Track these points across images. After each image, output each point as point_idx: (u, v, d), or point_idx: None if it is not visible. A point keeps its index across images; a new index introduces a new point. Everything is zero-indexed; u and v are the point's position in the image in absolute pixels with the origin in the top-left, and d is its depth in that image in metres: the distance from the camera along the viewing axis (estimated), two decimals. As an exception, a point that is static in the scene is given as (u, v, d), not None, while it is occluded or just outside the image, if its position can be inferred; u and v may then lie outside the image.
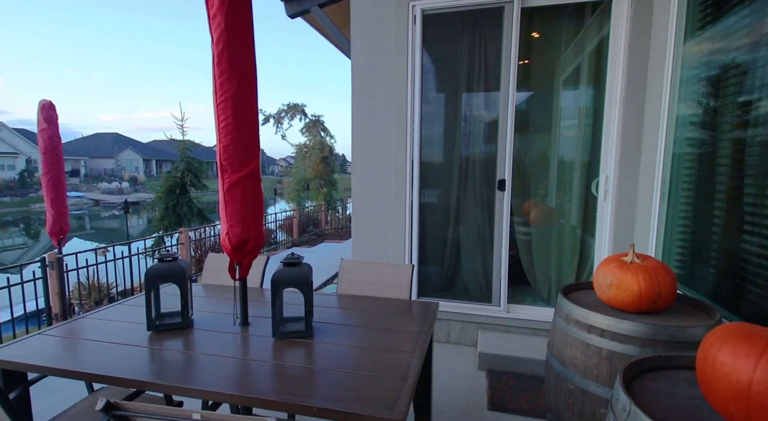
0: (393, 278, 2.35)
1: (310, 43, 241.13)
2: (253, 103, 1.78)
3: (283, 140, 14.24)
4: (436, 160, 3.31)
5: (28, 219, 28.08)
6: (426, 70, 3.18)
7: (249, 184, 1.77)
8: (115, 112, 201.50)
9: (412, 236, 3.26)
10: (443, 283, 3.42)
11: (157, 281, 1.81)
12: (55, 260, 4.17)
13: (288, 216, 9.14)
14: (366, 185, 3.31)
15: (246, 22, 1.73)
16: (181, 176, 8.44)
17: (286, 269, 1.72)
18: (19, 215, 28.57)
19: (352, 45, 3.23)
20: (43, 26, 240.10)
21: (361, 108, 3.26)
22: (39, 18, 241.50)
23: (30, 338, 1.73)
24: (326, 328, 1.86)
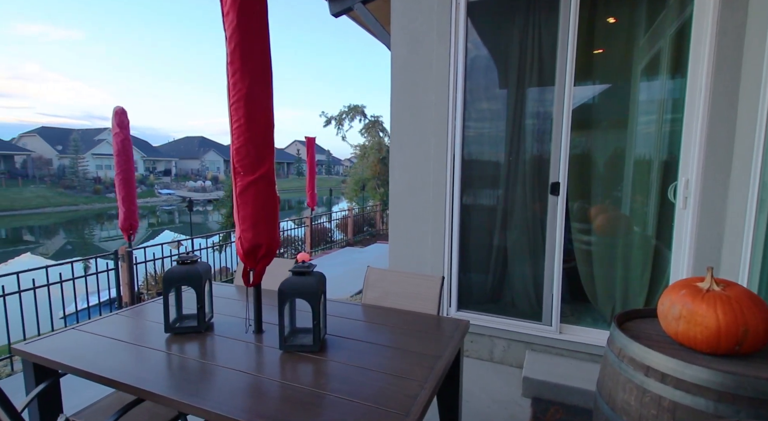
0: (420, 289, 2.16)
1: (371, 41, 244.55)
2: (266, 103, 1.70)
3: (344, 141, 14.54)
4: (480, 161, 3.04)
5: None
6: (470, 64, 2.92)
7: (261, 187, 1.71)
8: (200, 117, 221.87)
9: (452, 243, 3.03)
10: (487, 295, 3.13)
11: (175, 284, 1.82)
12: (125, 253, 4.56)
13: (344, 216, 9.26)
14: (403, 187, 3.14)
15: (259, 20, 1.66)
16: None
17: (294, 279, 1.62)
18: (122, 209, 32.60)
19: (392, 40, 3.08)
20: (140, 43, 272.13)
21: (400, 106, 3.09)
22: (138, 38, 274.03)
23: (63, 333, 1.82)
24: (338, 343, 1.73)
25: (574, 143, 2.92)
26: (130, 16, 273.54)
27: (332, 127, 14.57)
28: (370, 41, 10.68)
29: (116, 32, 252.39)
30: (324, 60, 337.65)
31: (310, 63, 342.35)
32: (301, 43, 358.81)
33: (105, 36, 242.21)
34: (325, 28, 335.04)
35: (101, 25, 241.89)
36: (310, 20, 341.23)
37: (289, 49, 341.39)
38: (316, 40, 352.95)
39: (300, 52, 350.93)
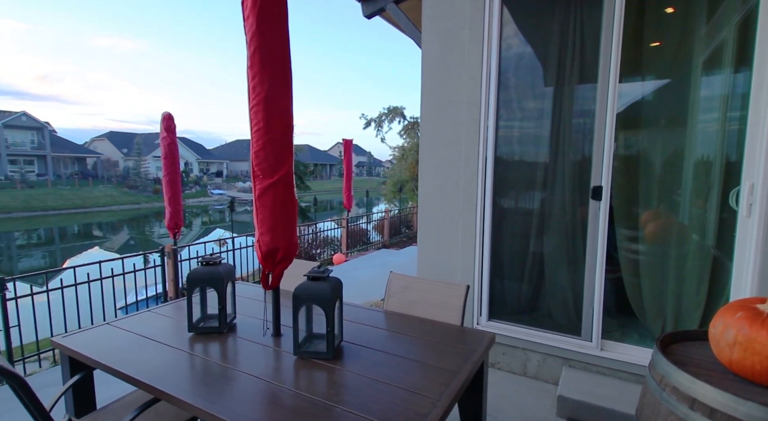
0: (444, 298, 2.06)
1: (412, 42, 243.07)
2: (285, 106, 1.70)
3: (383, 143, 14.56)
4: (515, 163, 2.87)
5: (184, 211, 34.11)
6: (504, 61, 2.77)
7: (279, 190, 1.70)
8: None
9: (483, 248, 2.89)
10: (521, 305, 2.96)
11: (198, 284, 1.86)
12: (170, 250, 4.82)
13: (381, 217, 9.26)
14: (433, 190, 3.04)
15: (279, 24, 1.65)
16: (287, 178, 9.18)
17: (309, 284, 1.59)
18: (177, 208, 34.80)
19: (422, 39, 3.00)
20: (197, 53, 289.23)
21: (430, 106, 3.00)
22: (196, 48, 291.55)
23: (98, 328, 1.92)
24: (354, 351, 1.69)
25: (627, 143, 2.69)
26: (191, 28, 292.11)
27: (372, 128, 14.70)
28: (412, 42, 10.82)
29: (177, 43, 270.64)
30: (367, 61, 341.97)
31: (354, 65, 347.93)
32: (346, 44, 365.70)
33: (167, 47, 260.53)
34: (368, 30, 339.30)
35: (165, 36, 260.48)
36: (353, 22, 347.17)
37: (334, 52, 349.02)
38: (360, 41, 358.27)
39: (344, 54, 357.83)
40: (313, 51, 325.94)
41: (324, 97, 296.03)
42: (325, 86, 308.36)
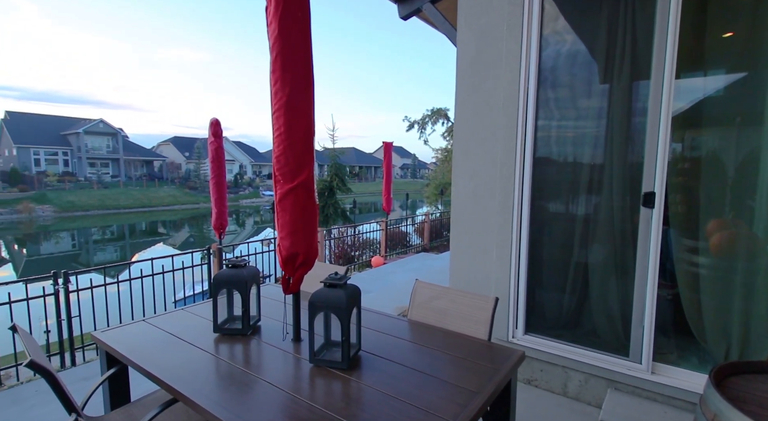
0: (470, 310, 1.95)
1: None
2: (306, 111, 1.69)
3: (426, 145, 14.45)
4: (555, 167, 2.67)
5: (238, 211, 35.91)
6: (545, 58, 2.59)
7: (300, 195, 1.69)
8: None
9: (520, 257, 2.72)
10: (562, 320, 2.75)
11: (223, 286, 1.90)
12: (216, 250, 5.05)
13: (421, 220, 9.15)
14: (467, 195, 2.91)
15: (301, 29, 1.65)
16: (330, 180, 9.37)
17: (326, 291, 1.57)
18: (233, 208, 36.77)
19: (458, 38, 2.89)
20: (253, 62, 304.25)
21: (465, 107, 2.88)
22: (252, 57, 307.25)
23: (135, 324, 2.02)
24: (371, 362, 1.63)
25: (688, 145, 2.42)
26: (246, 41, 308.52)
27: (415, 131, 14.60)
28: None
29: (235, 53, 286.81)
30: (414, 63, 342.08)
31: (399, 67, 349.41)
32: (390, 47, 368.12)
33: (227, 57, 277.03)
34: (411, 32, 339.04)
35: (224, 47, 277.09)
36: (397, 24, 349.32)
37: (379, 54, 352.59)
38: (406, 43, 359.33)
39: (389, 57, 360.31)
40: (357, 54, 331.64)
41: (370, 100, 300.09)
42: (372, 89, 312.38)
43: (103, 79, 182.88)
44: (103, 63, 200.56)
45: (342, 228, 8.45)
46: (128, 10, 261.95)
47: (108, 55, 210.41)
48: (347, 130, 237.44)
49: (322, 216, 9.29)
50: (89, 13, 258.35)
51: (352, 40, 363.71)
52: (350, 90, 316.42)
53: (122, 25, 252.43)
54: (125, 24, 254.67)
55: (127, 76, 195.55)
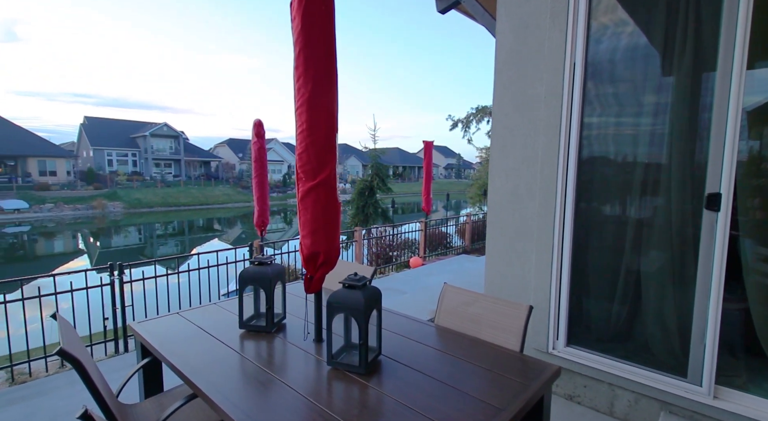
0: (502, 318, 1.82)
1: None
2: (329, 108, 1.65)
3: (470, 144, 14.03)
4: (605, 165, 2.44)
5: (286, 210, 37.22)
6: (592, 47, 2.38)
7: (321, 193, 1.66)
8: (347, 125, 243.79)
9: (562, 262, 2.52)
10: (609, 332, 2.51)
11: (248, 284, 1.92)
12: (258, 246, 5.22)
13: (463, 221, 8.92)
14: (505, 195, 2.75)
15: (325, 25, 1.61)
16: (370, 180, 9.39)
17: (344, 292, 1.52)
18: (281, 206, 38.19)
19: (497, 28, 2.73)
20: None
21: (503, 102, 2.72)
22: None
23: (169, 317, 2.10)
24: (391, 368, 1.56)
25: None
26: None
27: (459, 130, 14.26)
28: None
29: (286, 60, 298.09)
30: (459, 61, 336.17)
31: (444, 65, 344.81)
32: (431, 45, 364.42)
33: (279, 62, 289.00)
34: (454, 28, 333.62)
35: (277, 53, 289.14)
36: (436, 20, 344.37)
37: (424, 52, 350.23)
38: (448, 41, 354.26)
39: (434, 54, 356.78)
40: (399, 52, 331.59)
41: (414, 100, 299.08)
42: (415, 88, 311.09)
43: (168, 85, 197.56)
44: (167, 70, 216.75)
45: (381, 228, 8.44)
46: (190, 20, 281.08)
47: (172, 63, 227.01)
48: (391, 131, 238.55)
49: (361, 215, 9.34)
50: (158, 24, 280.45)
51: (394, 38, 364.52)
52: (393, 90, 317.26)
53: (184, 34, 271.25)
54: (187, 34, 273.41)
55: (189, 82, 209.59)
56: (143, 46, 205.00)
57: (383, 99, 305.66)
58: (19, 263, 17.37)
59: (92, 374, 1.39)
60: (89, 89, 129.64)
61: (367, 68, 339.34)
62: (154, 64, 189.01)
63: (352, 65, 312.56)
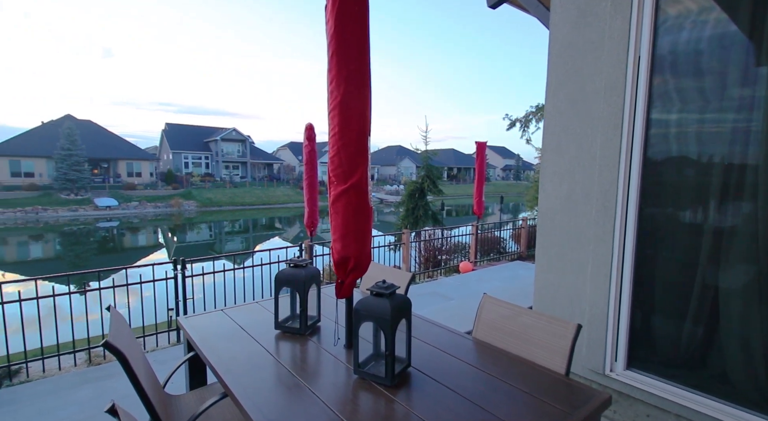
0: (546, 336, 1.66)
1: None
2: (361, 111, 1.61)
3: (528, 144, 13.35)
4: (676, 168, 2.14)
5: (340, 211, 38.24)
6: (662, 37, 2.10)
7: (351, 197, 1.63)
8: (400, 127, 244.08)
9: (622, 274, 2.26)
10: (679, 356, 2.20)
11: (283, 285, 1.94)
12: (307, 246, 5.36)
13: (518, 226, 8.49)
14: (557, 200, 2.53)
15: (357, 26, 1.58)
16: (421, 182, 9.28)
17: (370, 300, 1.47)
18: (336, 207, 39.20)
19: (551, 19, 2.53)
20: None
21: (557, 99, 2.51)
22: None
23: (213, 313, 2.19)
24: (420, 383, 1.49)
25: None
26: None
27: (517, 129, 13.62)
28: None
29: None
30: (514, 59, 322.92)
31: (500, 64, 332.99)
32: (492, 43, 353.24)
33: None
34: (512, 23, 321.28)
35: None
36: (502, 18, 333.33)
37: (478, 51, 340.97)
38: (505, 38, 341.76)
39: (489, 53, 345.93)
40: (454, 52, 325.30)
41: (470, 100, 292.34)
42: (471, 88, 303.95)
43: (238, 92, 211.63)
44: (238, 79, 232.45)
45: (432, 230, 8.29)
46: (263, 30, 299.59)
47: (243, 71, 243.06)
48: (446, 132, 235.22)
49: (411, 218, 9.25)
50: (233, 35, 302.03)
51: (448, 37, 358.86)
52: (449, 90, 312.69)
53: (258, 44, 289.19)
54: (259, 43, 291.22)
55: (257, 88, 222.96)
56: (218, 58, 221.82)
57: (439, 99, 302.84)
58: (109, 254, 19.53)
59: (135, 367, 1.47)
60: (171, 98, 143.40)
61: (421, 69, 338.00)
62: (227, 74, 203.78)
63: (403, 66, 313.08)
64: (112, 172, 35.82)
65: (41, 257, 18.23)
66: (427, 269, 7.13)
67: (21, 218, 25.52)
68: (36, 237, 22.45)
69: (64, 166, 29.37)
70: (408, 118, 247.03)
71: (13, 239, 21.54)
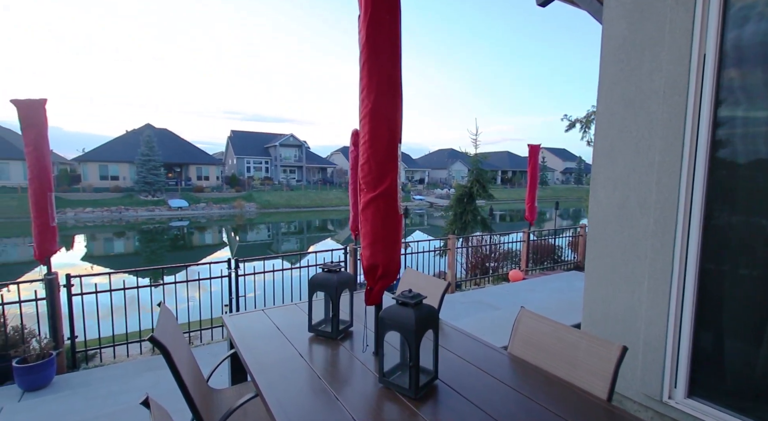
0: (587, 357, 1.54)
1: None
2: (391, 119, 1.61)
3: (589, 146, 12.41)
4: (746, 173, 1.89)
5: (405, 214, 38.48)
6: (732, 29, 1.87)
7: (380, 204, 1.63)
8: (455, 129, 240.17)
9: (684, 292, 2.03)
10: (753, 386, 1.93)
11: (316, 289, 1.98)
12: (352, 250, 5.45)
13: (575, 233, 7.97)
14: (610, 209, 2.34)
15: (389, 35, 1.59)
16: (470, 186, 9.05)
17: (396, 308, 1.46)
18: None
19: (604, 14, 2.36)
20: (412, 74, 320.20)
21: (610, 99, 2.32)
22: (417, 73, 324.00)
23: (254, 313, 2.30)
24: (445, 396, 1.45)
25: None
26: (419, 55, 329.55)
27: (577, 130, 12.83)
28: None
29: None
30: (574, 58, 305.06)
31: (559, 64, 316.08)
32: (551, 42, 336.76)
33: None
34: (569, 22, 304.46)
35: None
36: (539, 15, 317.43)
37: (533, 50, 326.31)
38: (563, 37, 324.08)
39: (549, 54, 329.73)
40: (509, 53, 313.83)
41: (526, 101, 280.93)
42: (530, 88, 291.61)
43: (297, 99, 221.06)
44: (297, 87, 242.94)
45: (480, 236, 8.06)
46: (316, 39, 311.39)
47: (300, 80, 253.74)
48: (502, 133, 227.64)
49: (459, 223, 9.04)
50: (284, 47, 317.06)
51: (499, 39, 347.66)
52: (504, 91, 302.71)
53: (313, 53, 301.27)
54: (317, 51, 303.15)
55: (314, 94, 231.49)
56: (280, 66, 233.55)
57: (493, 101, 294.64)
58: (179, 251, 21.25)
59: (177, 361, 1.58)
60: (237, 107, 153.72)
61: (474, 70, 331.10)
62: (286, 83, 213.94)
63: (456, 68, 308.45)
64: (184, 176, 39.00)
65: (123, 252, 20.27)
66: (475, 277, 6.94)
67: (107, 216, 28.61)
68: (119, 234, 25.01)
69: (144, 170, 32.51)
70: (460, 121, 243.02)
71: (100, 235, 24.21)
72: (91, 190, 31.71)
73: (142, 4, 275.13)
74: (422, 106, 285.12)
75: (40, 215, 3.44)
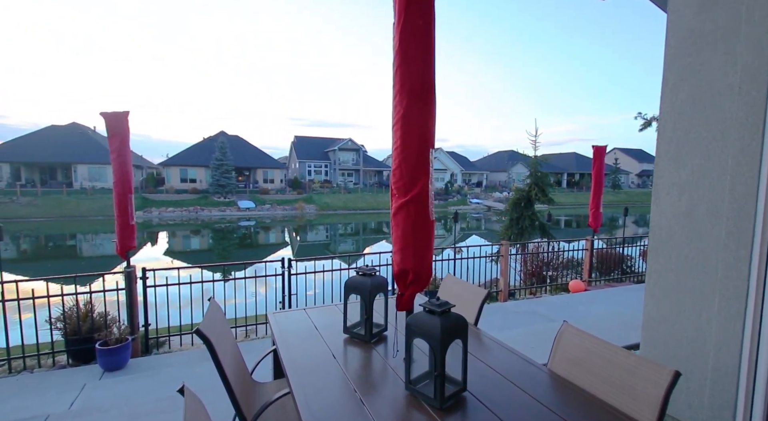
0: (634, 380, 1.41)
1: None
2: (422, 124, 1.61)
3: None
4: None
5: (446, 217, 37.94)
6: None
7: (411, 209, 1.63)
8: (516, 131, 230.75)
9: (762, 315, 1.77)
10: None
11: (350, 292, 2.02)
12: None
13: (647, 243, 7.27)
14: (675, 218, 2.11)
15: (422, 41, 1.59)
16: (528, 190, 8.62)
17: (422, 315, 1.44)
18: (441, 213, 39.09)
19: (669, 4, 2.14)
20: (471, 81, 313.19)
21: (677, 97, 2.10)
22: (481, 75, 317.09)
23: (296, 311, 2.40)
24: (473, 410, 1.40)
25: None
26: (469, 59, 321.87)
27: (652, 130, 11.66)
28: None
29: (458, 72, 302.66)
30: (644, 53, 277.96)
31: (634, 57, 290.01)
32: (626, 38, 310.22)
33: (452, 75, 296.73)
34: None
35: (451, 66, 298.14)
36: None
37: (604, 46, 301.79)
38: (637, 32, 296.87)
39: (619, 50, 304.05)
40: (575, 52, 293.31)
41: (596, 98, 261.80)
42: (601, 85, 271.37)
43: (356, 104, 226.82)
44: (357, 92, 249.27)
45: (538, 243, 7.66)
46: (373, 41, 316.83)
47: (359, 84, 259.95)
48: (569, 134, 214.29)
49: (515, 228, 8.65)
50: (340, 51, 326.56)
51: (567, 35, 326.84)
52: (570, 89, 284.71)
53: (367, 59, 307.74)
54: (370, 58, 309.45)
55: (371, 99, 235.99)
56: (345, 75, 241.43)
57: (560, 99, 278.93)
58: (247, 248, 22.73)
59: (220, 353, 1.70)
60: (301, 114, 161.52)
61: (537, 67, 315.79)
62: (346, 88, 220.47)
63: (517, 67, 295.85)
64: (252, 179, 41.72)
65: (198, 248, 22.14)
66: (531, 285, 6.60)
67: (185, 216, 31.46)
68: (195, 232, 27.38)
69: (217, 173, 35.31)
70: (521, 122, 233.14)
71: (180, 233, 26.68)
72: (173, 191, 35.08)
73: (223, 25, 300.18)
74: (479, 106, 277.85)
75: (122, 214, 3.88)
